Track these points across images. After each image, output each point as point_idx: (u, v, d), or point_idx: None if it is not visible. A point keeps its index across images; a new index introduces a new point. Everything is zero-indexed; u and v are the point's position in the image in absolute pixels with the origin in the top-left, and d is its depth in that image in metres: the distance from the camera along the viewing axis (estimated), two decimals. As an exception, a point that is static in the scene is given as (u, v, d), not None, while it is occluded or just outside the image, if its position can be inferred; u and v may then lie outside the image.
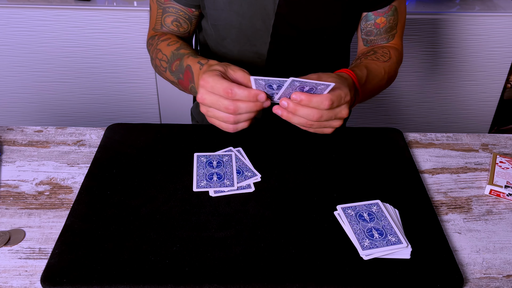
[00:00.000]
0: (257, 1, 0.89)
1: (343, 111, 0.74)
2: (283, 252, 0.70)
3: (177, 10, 0.94)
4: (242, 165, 0.86)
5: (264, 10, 0.90)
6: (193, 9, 0.95)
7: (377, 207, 0.77)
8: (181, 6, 0.94)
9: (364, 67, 0.89)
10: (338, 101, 0.72)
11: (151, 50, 0.96)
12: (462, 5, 1.75)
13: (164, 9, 0.95)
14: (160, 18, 0.96)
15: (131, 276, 0.66)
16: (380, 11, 0.96)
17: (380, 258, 0.69)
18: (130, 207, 0.77)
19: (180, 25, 0.96)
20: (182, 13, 0.95)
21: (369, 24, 0.98)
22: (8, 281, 0.67)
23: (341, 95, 0.73)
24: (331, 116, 0.73)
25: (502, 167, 0.89)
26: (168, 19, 0.95)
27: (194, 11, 0.95)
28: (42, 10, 1.63)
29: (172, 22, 0.96)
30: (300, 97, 0.70)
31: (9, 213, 0.78)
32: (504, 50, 1.78)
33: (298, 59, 0.99)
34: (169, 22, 0.96)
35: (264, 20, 0.91)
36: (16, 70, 1.76)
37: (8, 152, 0.91)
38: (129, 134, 0.94)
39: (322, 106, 0.71)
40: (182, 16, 0.95)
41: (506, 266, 0.71)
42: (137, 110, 1.87)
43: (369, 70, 0.89)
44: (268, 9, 0.90)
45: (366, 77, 0.87)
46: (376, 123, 1.96)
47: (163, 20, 0.96)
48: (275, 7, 0.90)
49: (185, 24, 0.96)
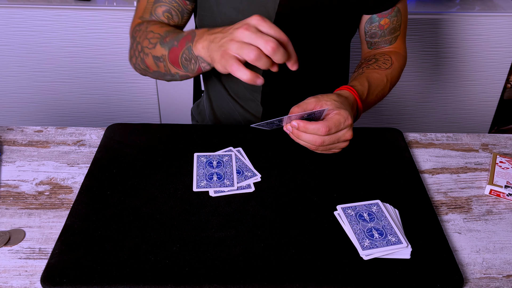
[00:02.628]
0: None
1: (347, 134, 0.78)
2: (283, 252, 0.70)
3: (171, 0, 0.92)
4: (242, 165, 0.86)
5: (264, 9, 0.90)
6: (188, 2, 0.93)
7: (377, 207, 0.77)
8: None
9: (366, 80, 0.89)
10: (336, 127, 0.76)
11: (138, 36, 0.90)
12: (462, 5, 1.75)
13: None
14: (150, 7, 0.93)
15: (131, 276, 0.66)
16: (384, 12, 0.96)
17: (380, 258, 0.69)
18: (130, 207, 0.77)
19: (171, 18, 0.93)
20: (175, 4, 0.92)
21: (374, 26, 0.98)
22: (8, 281, 0.67)
23: (340, 121, 0.76)
24: (334, 141, 0.78)
25: (502, 167, 0.89)
26: (160, 9, 0.92)
27: (188, 4, 0.93)
28: (42, 10, 1.63)
29: (163, 13, 0.92)
30: (298, 124, 0.76)
31: (9, 213, 0.78)
32: (504, 50, 1.78)
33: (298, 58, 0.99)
34: (160, 13, 0.92)
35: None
36: (16, 70, 1.76)
37: (8, 152, 0.91)
38: (129, 134, 0.94)
39: (320, 133, 0.75)
40: (175, 8, 0.92)
41: (506, 266, 0.71)
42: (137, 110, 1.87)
43: (370, 82, 0.90)
44: (268, 7, 0.90)
45: (368, 90, 0.89)
46: (376, 123, 1.96)
47: (153, 9, 0.93)
48: (276, 6, 0.90)
49: (176, 17, 0.93)
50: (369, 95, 0.89)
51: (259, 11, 0.90)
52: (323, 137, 0.76)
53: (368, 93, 0.89)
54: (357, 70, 0.97)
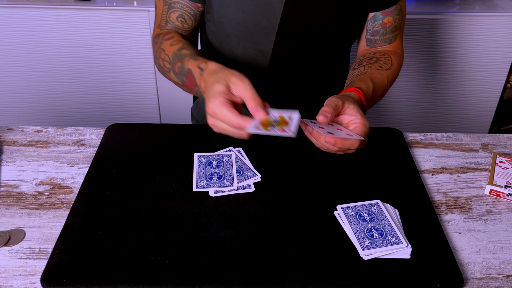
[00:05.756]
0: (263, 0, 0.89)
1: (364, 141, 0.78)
2: (283, 252, 0.70)
3: (183, 5, 0.94)
4: (242, 165, 0.86)
5: (270, 8, 0.90)
6: (199, 4, 0.95)
7: (377, 207, 0.77)
8: (187, 1, 0.94)
9: (370, 80, 0.90)
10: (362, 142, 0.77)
11: (155, 49, 0.96)
12: (462, 5, 1.75)
13: (169, 5, 0.95)
14: (165, 14, 0.97)
15: (131, 276, 0.66)
16: (388, 10, 0.96)
17: (380, 258, 0.69)
18: (130, 207, 0.77)
19: (185, 21, 0.96)
20: (187, 9, 0.95)
21: (377, 24, 0.98)
22: (8, 281, 0.67)
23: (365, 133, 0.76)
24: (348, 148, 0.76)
25: (502, 167, 0.89)
26: (174, 15, 0.96)
27: (199, 6, 0.95)
28: (42, 10, 1.63)
29: (177, 18, 0.96)
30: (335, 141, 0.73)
31: (9, 213, 0.78)
32: (504, 50, 1.78)
33: (302, 57, 0.99)
34: (174, 18, 0.96)
35: (270, 19, 0.91)
36: (16, 70, 1.76)
37: (8, 152, 0.91)
38: (129, 134, 0.94)
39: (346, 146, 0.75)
40: (188, 12, 0.95)
41: (506, 266, 0.71)
42: (137, 110, 1.87)
43: (374, 83, 0.90)
44: (274, 7, 0.90)
45: (372, 90, 0.89)
46: (376, 123, 1.96)
47: (168, 16, 0.96)
48: (282, 6, 0.90)
49: (189, 20, 0.96)
50: (373, 95, 0.90)
51: (265, 11, 0.90)
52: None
53: (372, 93, 0.89)
54: (357, 68, 0.96)
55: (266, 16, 0.91)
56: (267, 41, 0.95)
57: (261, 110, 0.70)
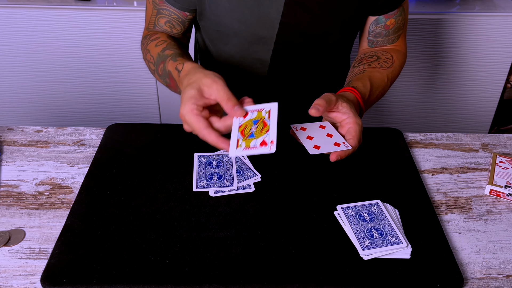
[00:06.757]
0: (260, 9, 0.88)
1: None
2: (283, 252, 0.70)
3: (171, 12, 0.93)
4: (242, 165, 0.86)
5: (267, 19, 0.89)
6: (187, 13, 0.94)
7: (377, 207, 0.77)
8: (175, 9, 0.93)
9: (368, 80, 0.89)
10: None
11: (142, 50, 0.96)
12: (462, 5, 1.75)
13: (158, 10, 0.94)
14: (154, 18, 0.96)
15: (131, 276, 0.66)
16: (391, 13, 0.95)
17: (380, 258, 0.69)
18: (130, 207, 0.77)
19: (173, 27, 0.96)
20: (175, 16, 0.94)
21: (379, 26, 0.97)
22: (8, 281, 0.67)
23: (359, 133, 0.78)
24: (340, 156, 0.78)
25: (502, 167, 0.89)
26: (162, 20, 0.95)
27: (188, 15, 0.94)
28: (42, 10, 1.63)
29: (165, 23, 0.95)
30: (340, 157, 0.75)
31: (9, 213, 0.78)
32: (504, 50, 1.78)
33: (301, 64, 0.99)
34: (162, 23, 0.95)
35: (268, 29, 0.90)
36: (16, 70, 1.76)
37: (8, 152, 0.91)
38: (129, 134, 0.94)
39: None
40: (175, 19, 0.94)
41: (506, 266, 0.71)
42: (137, 110, 1.86)
43: (372, 83, 0.90)
44: (271, 17, 0.89)
45: (370, 90, 0.89)
46: (376, 123, 1.96)
47: (156, 21, 0.96)
48: (279, 16, 0.89)
49: (178, 26, 0.96)
50: (371, 95, 0.89)
51: (262, 21, 0.89)
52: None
53: (370, 93, 0.89)
54: (357, 66, 0.96)
55: (264, 26, 0.90)
56: (265, 50, 0.94)
57: (239, 110, 0.70)
